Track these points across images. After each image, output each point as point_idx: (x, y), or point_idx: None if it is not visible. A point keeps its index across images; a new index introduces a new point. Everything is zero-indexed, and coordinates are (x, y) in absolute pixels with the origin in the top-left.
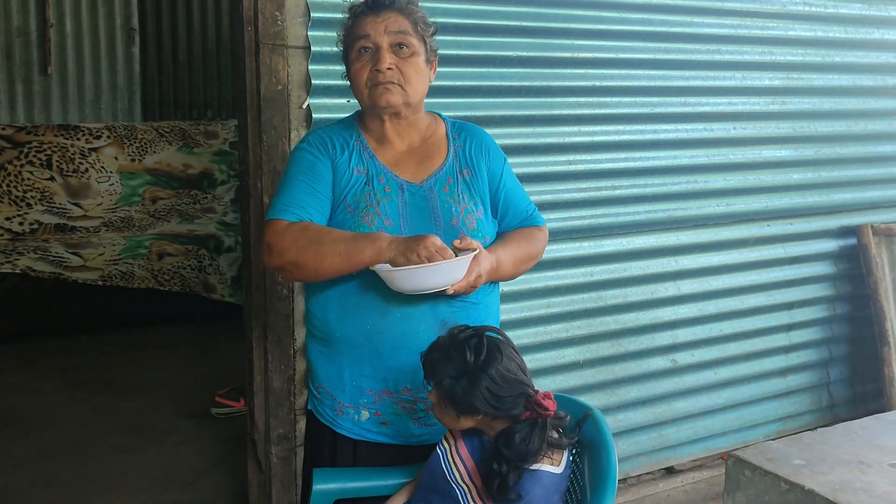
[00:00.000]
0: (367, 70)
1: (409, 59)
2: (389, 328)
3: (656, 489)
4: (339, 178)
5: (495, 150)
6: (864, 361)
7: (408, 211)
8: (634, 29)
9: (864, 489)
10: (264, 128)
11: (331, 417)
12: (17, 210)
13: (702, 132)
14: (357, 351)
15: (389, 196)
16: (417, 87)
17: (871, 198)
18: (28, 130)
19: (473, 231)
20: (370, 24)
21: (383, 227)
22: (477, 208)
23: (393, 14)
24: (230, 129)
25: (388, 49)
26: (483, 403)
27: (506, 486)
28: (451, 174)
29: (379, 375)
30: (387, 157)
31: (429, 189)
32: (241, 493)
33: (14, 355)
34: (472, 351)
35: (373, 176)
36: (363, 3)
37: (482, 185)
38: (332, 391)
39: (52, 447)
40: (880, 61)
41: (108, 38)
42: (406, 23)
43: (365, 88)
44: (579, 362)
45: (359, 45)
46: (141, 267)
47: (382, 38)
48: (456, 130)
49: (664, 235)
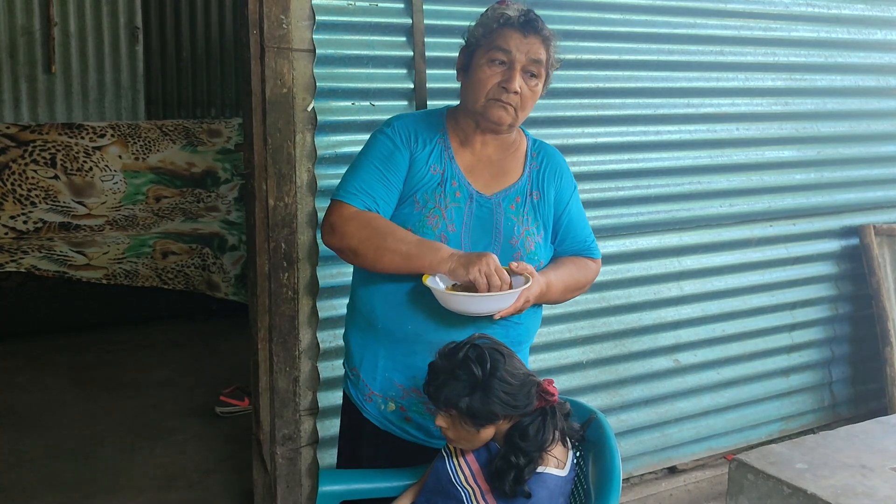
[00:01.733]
0: (494, 82)
1: (534, 88)
2: (429, 333)
3: (659, 488)
4: (414, 172)
5: (568, 176)
6: (866, 361)
7: (472, 221)
8: (638, 31)
9: (866, 493)
10: (269, 130)
11: (360, 402)
12: (21, 209)
13: (705, 133)
14: (395, 345)
15: (458, 202)
16: (527, 113)
17: (873, 198)
18: (32, 129)
19: (531, 254)
20: (515, 40)
21: (446, 231)
22: (538, 232)
23: (538, 40)
24: (234, 128)
25: (521, 71)
26: (502, 408)
27: (521, 480)
28: (520, 193)
29: (411, 373)
30: (465, 161)
31: (496, 204)
32: (246, 493)
33: (19, 354)
34: (476, 364)
35: (447, 178)
36: (516, 16)
37: (548, 210)
38: (364, 376)
39: (57, 446)
40: (883, 62)
41: (111, 36)
42: (545, 54)
43: (483, 97)
44: (582, 363)
45: (495, 54)
46: (145, 265)
47: (521, 58)
48: (536, 150)
49: (667, 236)
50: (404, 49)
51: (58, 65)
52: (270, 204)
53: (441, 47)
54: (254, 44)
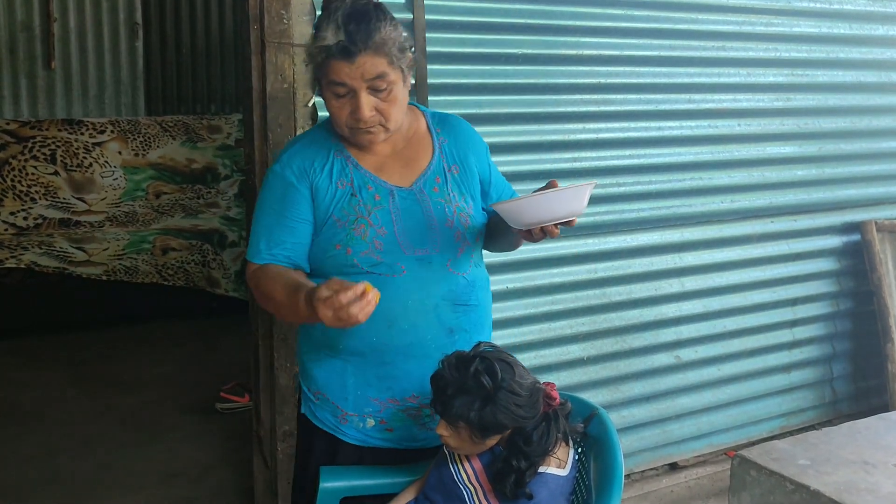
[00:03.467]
0: (346, 113)
1: (389, 96)
2: (396, 339)
3: (660, 485)
4: (321, 197)
5: (479, 141)
6: (868, 357)
7: (400, 217)
8: (639, 26)
9: (868, 490)
10: (270, 126)
11: (333, 424)
12: (21, 205)
13: (706, 129)
14: (362, 362)
15: (380, 204)
16: (399, 116)
17: (875, 194)
18: (32, 125)
19: (470, 228)
20: (344, 71)
21: (377, 236)
22: (468, 204)
23: (367, 57)
24: (234, 124)
25: (365, 92)
26: (511, 419)
27: (523, 483)
28: (438, 173)
29: (385, 385)
30: (371, 163)
31: (419, 191)
32: (246, 490)
33: (18, 351)
34: (487, 376)
35: (360, 186)
36: (334, 45)
37: (472, 179)
38: (333, 399)
39: (58, 443)
40: (884, 58)
41: (111, 32)
42: (382, 62)
43: (345, 127)
44: (583, 359)
45: (334, 88)
46: (145, 262)
47: (359, 83)
48: (437, 124)
49: (668, 232)
50: None
51: (57, 61)
52: None
53: (442, 42)
54: (254, 39)
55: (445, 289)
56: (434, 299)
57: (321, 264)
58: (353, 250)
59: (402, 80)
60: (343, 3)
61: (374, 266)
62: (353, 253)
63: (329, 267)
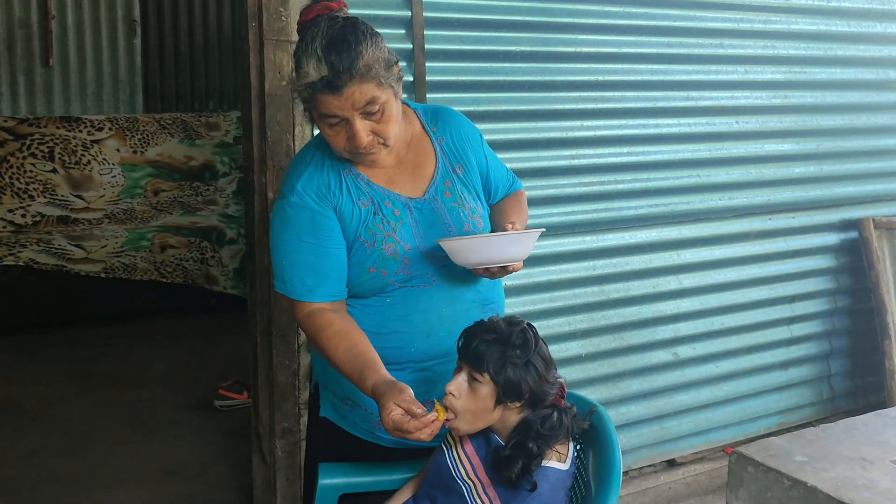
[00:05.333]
0: (342, 141)
1: (384, 117)
2: (434, 347)
3: (658, 481)
4: (347, 219)
5: (473, 131)
6: (865, 354)
7: (420, 230)
8: (637, 23)
9: (866, 486)
10: (268, 123)
11: (367, 429)
12: (19, 202)
13: (704, 126)
14: (398, 371)
15: (401, 219)
16: (396, 131)
17: (872, 191)
18: (30, 122)
19: (483, 229)
20: (334, 103)
21: (405, 252)
22: (477, 204)
23: (355, 86)
24: (232, 121)
25: (359, 119)
26: (536, 384)
27: (529, 469)
28: (446, 176)
29: (422, 389)
30: (381, 178)
31: (432, 199)
32: (245, 486)
33: (17, 348)
34: (532, 338)
35: (379, 204)
36: (318, 80)
37: (475, 176)
38: (365, 405)
39: (57, 440)
40: (882, 55)
41: (109, 29)
42: (370, 87)
43: (345, 153)
44: (582, 356)
45: (327, 120)
46: (143, 259)
47: (350, 112)
48: (431, 121)
49: (666, 229)
50: (404, 41)
51: (55, 58)
52: (269, 197)
53: (441, 40)
54: (252, 36)
55: (473, 291)
56: (465, 303)
57: (355, 288)
58: (388, 271)
59: (394, 97)
60: (319, 30)
61: (406, 281)
62: (388, 274)
63: (365, 289)
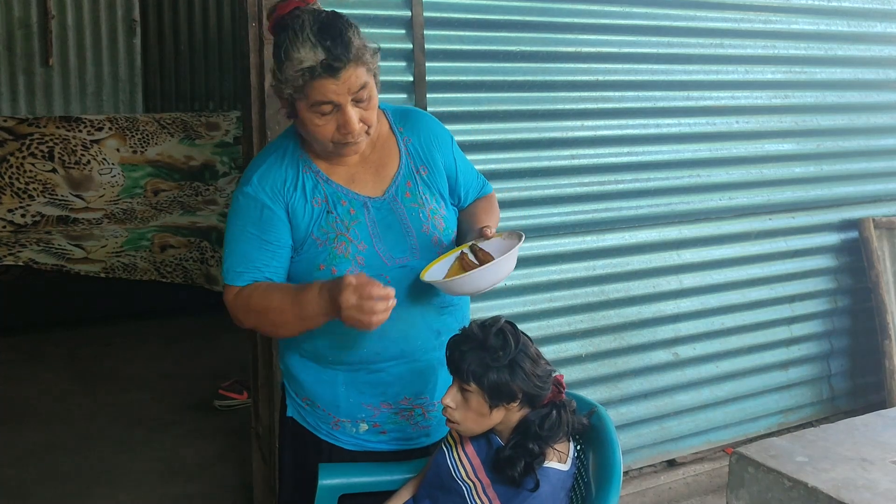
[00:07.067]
0: (331, 130)
1: (370, 103)
2: (388, 349)
3: (658, 482)
4: (299, 217)
5: (443, 133)
6: (865, 354)
7: (377, 229)
8: (637, 23)
9: (866, 486)
10: (268, 123)
11: (326, 430)
12: (19, 202)
13: (704, 126)
14: (353, 372)
15: (357, 218)
16: (375, 119)
17: (872, 191)
18: (30, 122)
19: (444, 231)
20: (330, 88)
21: (358, 252)
22: (440, 204)
23: (352, 69)
24: (232, 121)
25: (350, 105)
26: (527, 384)
27: (532, 468)
28: (409, 177)
29: (377, 391)
30: (341, 176)
31: (391, 200)
32: (245, 486)
33: (17, 348)
34: (512, 337)
35: (334, 203)
36: (318, 63)
37: (440, 178)
38: (323, 406)
39: (56, 440)
40: (883, 55)
41: (109, 29)
42: (362, 71)
43: (329, 143)
44: (582, 356)
45: (319, 108)
46: (143, 259)
47: (345, 98)
48: (399, 122)
49: (667, 229)
50: (403, 41)
51: (55, 58)
52: None
53: (440, 40)
54: (252, 36)
55: (431, 293)
56: (420, 306)
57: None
58: (339, 269)
59: (376, 85)
60: (305, 20)
61: None
62: (338, 272)
63: None
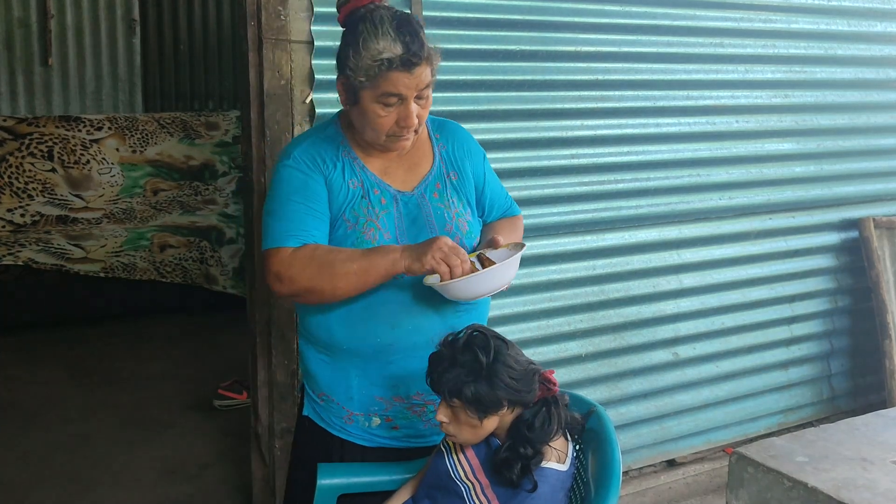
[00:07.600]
0: (391, 122)
1: (427, 102)
2: (400, 340)
3: (658, 481)
4: (335, 193)
5: (476, 148)
6: (866, 354)
7: (403, 222)
8: (637, 22)
9: (866, 486)
10: (268, 123)
11: (339, 426)
12: (18, 202)
13: (704, 125)
14: (366, 362)
15: (386, 208)
16: (426, 119)
17: (873, 191)
18: (29, 122)
19: (467, 234)
20: (403, 81)
21: (383, 240)
22: (465, 210)
23: (423, 67)
24: (231, 121)
25: (414, 99)
26: (508, 393)
27: (529, 469)
28: (439, 179)
29: (390, 384)
30: (376, 166)
31: (420, 196)
32: (244, 486)
33: (16, 347)
34: (481, 349)
35: (368, 189)
36: (398, 56)
37: (469, 186)
38: (338, 400)
39: (56, 440)
40: (883, 54)
41: (109, 29)
42: (430, 72)
43: (383, 135)
44: (581, 356)
45: (386, 99)
46: (143, 259)
47: (413, 92)
48: (436, 130)
49: (666, 229)
50: None
51: (55, 57)
52: None
53: (440, 39)
54: (251, 36)
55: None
56: (436, 301)
57: None
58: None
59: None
60: (384, 14)
61: None
62: None
63: None
